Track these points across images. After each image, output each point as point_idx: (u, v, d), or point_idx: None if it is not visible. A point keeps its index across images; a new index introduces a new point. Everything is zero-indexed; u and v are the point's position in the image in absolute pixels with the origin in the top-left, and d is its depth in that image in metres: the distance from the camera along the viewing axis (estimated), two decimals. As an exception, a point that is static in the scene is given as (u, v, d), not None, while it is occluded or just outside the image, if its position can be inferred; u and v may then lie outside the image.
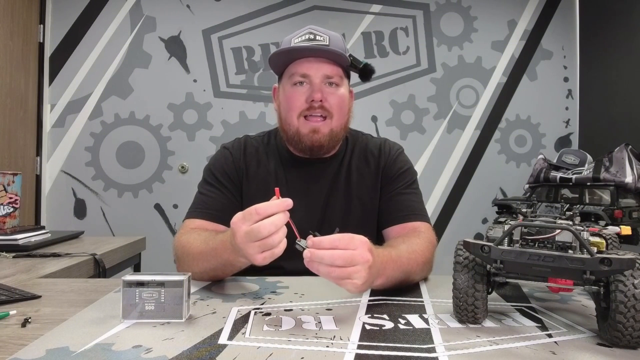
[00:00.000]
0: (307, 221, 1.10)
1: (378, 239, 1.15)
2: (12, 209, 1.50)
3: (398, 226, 1.12)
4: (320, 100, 1.06)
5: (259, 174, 1.17)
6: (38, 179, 2.70)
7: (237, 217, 0.78)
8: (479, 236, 2.91)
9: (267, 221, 0.74)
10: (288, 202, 0.76)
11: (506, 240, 0.68)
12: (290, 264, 0.97)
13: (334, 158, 1.19)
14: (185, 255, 0.99)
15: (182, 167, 2.80)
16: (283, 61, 1.10)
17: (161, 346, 0.61)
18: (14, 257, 1.29)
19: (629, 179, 2.14)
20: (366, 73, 1.13)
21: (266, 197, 0.91)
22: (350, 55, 1.10)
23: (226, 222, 0.99)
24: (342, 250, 0.73)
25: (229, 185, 1.14)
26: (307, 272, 0.74)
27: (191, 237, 1.01)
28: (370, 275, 0.77)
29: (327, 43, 1.07)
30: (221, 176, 1.15)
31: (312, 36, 1.07)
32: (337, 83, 1.09)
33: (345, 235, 0.75)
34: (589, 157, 2.43)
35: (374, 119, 2.94)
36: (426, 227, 1.11)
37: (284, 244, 0.76)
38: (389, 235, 1.14)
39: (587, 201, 2.24)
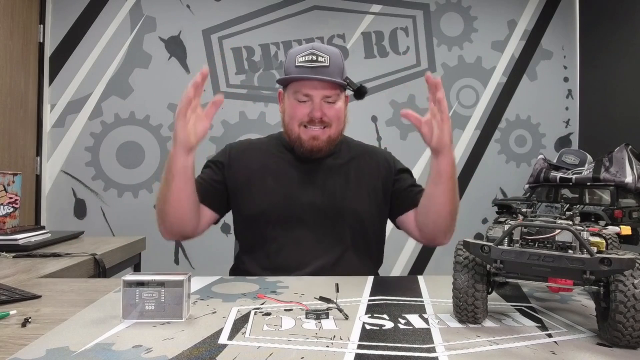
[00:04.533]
0: (305, 191, 1.22)
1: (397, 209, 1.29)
2: (12, 209, 1.50)
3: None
4: (320, 117, 1.21)
5: (258, 157, 1.29)
6: (38, 179, 2.69)
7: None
8: (479, 236, 2.91)
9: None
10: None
11: (506, 240, 0.68)
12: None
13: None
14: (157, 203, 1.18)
15: (182, 167, 2.79)
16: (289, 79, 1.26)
17: (161, 346, 0.61)
18: (14, 257, 1.29)
19: (629, 179, 2.14)
20: (360, 94, 1.29)
21: (263, 173, 1.25)
22: (346, 78, 1.26)
23: (207, 201, 1.22)
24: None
25: (217, 171, 1.28)
26: (306, 270, 0.74)
27: None
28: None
29: (328, 64, 1.21)
30: (213, 163, 1.30)
31: (314, 57, 1.21)
32: (335, 100, 1.23)
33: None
34: (589, 157, 2.43)
35: (374, 119, 2.94)
36: None
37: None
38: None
39: (587, 201, 2.24)
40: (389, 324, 0.70)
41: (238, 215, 1.28)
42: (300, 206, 1.21)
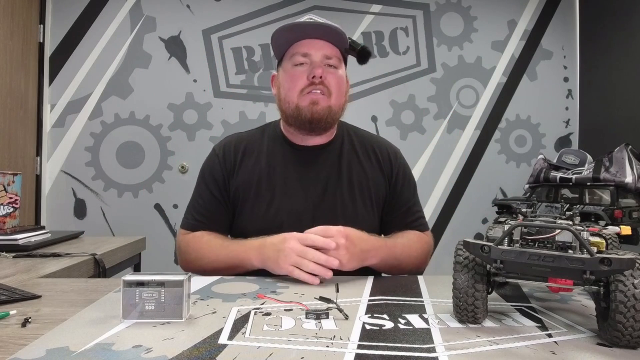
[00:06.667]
0: (304, 205, 1.14)
1: (382, 226, 1.23)
2: (12, 209, 1.50)
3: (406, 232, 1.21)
4: (321, 77, 1.09)
5: (252, 163, 1.19)
6: (38, 179, 2.70)
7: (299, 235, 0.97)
8: (479, 236, 2.91)
9: (317, 253, 0.93)
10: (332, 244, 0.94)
11: (506, 240, 0.68)
12: None
13: (331, 143, 1.21)
14: (195, 247, 1.14)
15: (182, 167, 2.80)
16: (285, 39, 1.14)
17: (161, 346, 0.61)
18: (14, 257, 1.29)
19: (629, 179, 2.14)
20: (364, 55, 1.18)
21: (259, 184, 1.15)
22: (349, 38, 1.14)
23: (217, 228, 1.18)
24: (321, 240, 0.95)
25: (216, 192, 1.19)
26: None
27: (204, 238, 1.15)
28: (353, 254, 0.97)
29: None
30: (210, 181, 1.20)
31: (312, 20, 1.12)
32: (336, 65, 1.13)
33: (319, 228, 0.98)
34: (589, 157, 2.43)
35: (374, 119, 2.94)
36: (427, 233, 1.24)
37: (304, 275, 0.94)
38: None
39: (587, 201, 2.24)
40: (389, 324, 0.70)
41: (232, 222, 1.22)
42: (299, 225, 1.10)
